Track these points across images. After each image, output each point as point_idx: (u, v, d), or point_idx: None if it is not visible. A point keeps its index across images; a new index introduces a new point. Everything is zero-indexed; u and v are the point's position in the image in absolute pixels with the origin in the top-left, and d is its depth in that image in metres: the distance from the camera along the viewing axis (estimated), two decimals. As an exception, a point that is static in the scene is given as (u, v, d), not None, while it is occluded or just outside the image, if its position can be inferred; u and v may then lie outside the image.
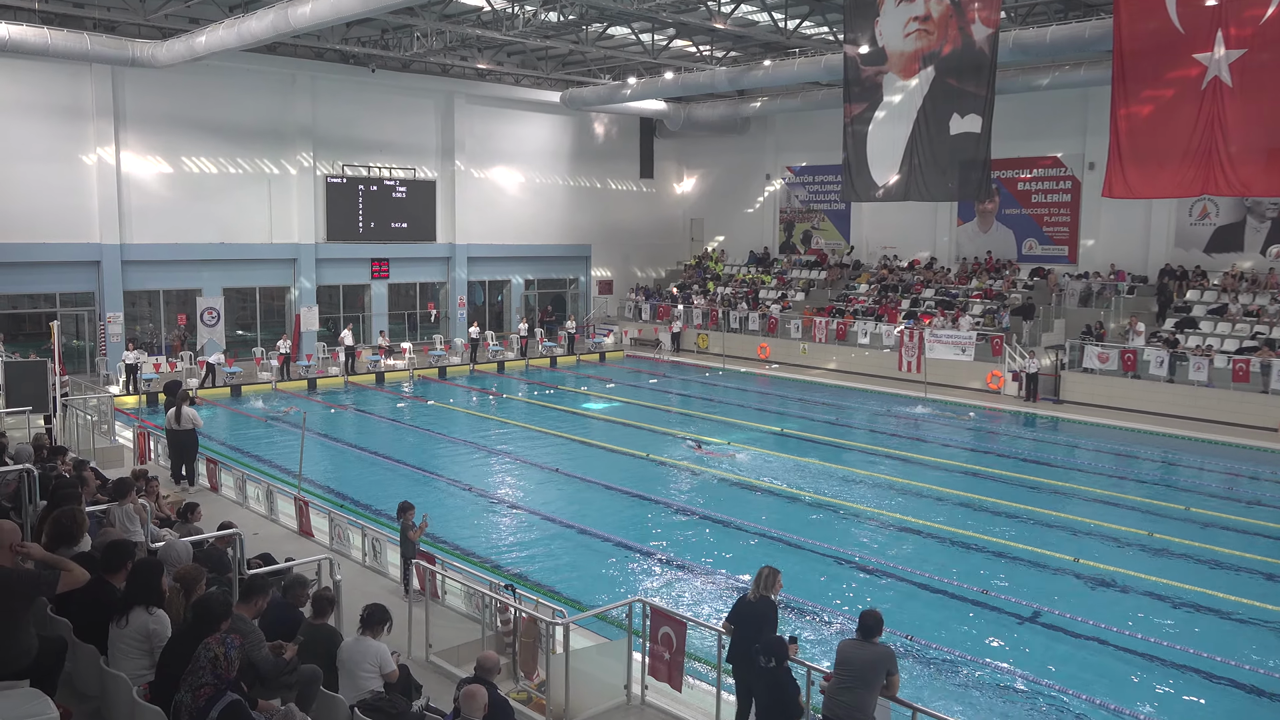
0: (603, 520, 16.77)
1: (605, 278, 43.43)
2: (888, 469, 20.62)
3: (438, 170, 37.23)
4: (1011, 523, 16.97)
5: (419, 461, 20.80)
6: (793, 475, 19.90)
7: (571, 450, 22.12)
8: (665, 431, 23.74)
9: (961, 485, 19.29)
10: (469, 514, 17.18)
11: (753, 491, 18.70)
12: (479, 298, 40.17)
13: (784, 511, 17.48)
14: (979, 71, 24.22)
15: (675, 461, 20.85)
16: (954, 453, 22.24)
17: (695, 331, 38.17)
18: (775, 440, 23.21)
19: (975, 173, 24.64)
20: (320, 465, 20.62)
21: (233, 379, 29.24)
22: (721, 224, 44.86)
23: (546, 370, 34.81)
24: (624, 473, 20.04)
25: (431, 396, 29.00)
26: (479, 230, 38.29)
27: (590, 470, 20.08)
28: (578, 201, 41.85)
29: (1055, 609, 13.22)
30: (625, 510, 17.62)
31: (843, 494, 18.62)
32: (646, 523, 16.85)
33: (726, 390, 30.54)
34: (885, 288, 35.82)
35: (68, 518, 8.04)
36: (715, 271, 42.74)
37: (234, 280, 32.84)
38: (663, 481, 19.50)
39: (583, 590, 13.60)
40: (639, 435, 23.43)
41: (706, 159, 44.95)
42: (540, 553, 15.30)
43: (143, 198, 30.30)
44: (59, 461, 13.05)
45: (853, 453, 22.16)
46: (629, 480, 19.37)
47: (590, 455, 21.73)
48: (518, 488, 19.17)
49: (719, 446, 22.75)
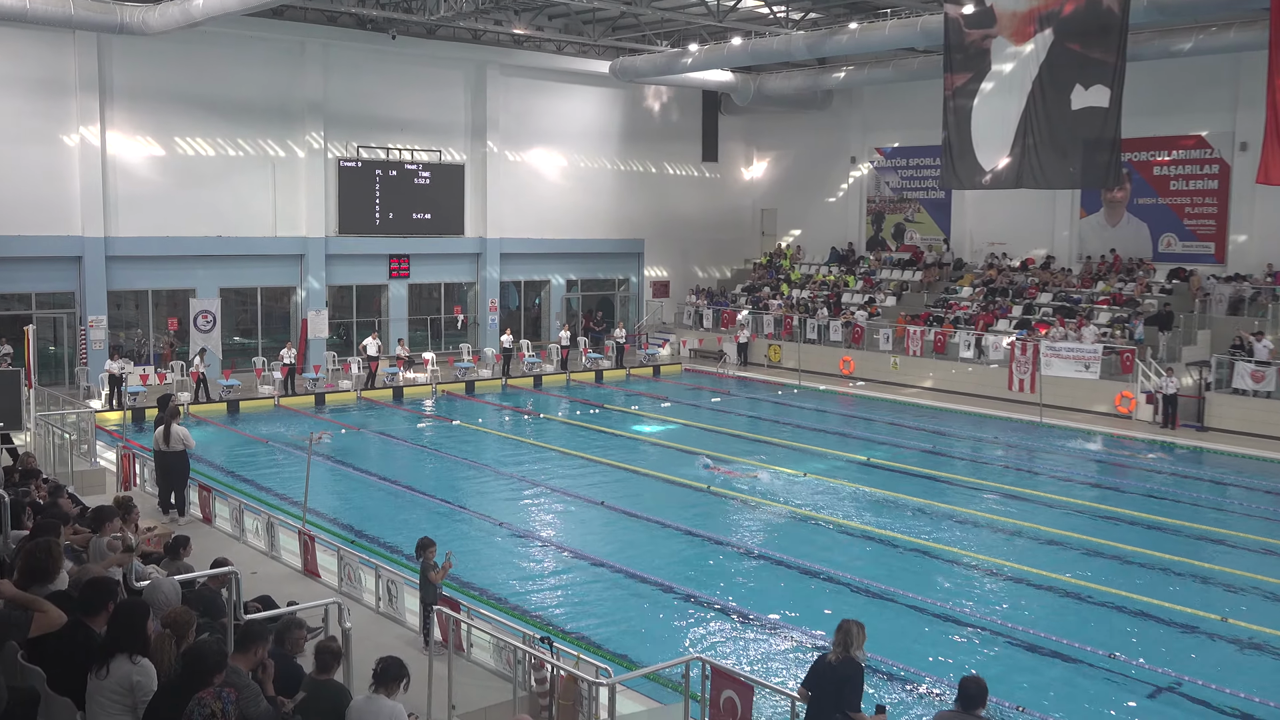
0: (655, 563, 16.72)
1: (660, 278, 43.50)
2: (995, 507, 20.34)
3: (467, 153, 37.63)
4: (1145, 574, 16.64)
5: (442, 491, 20.95)
6: (881, 513, 19.72)
7: (619, 480, 22.12)
8: (730, 459, 23.68)
9: (1084, 528, 18.97)
10: (499, 553, 17.25)
11: (833, 531, 18.56)
12: (513, 301, 40.43)
13: (870, 555, 17.31)
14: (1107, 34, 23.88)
15: (741, 495, 20.78)
16: (1075, 489, 21.89)
17: (766, 342, 38.04)
18: (860, 471, 23.04)
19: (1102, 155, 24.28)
20: (328, 495, 20.83)
21: (229, 393, 29.75)
22: (797, 215, 44.70)
23: (591, 386, 34.90)
24: (680, 507, 19.99)
25: (457, 416, 29.24)
26: (514, 222, 38.61)
27: (641, 504, 20.06)
28: (629, 189, 42.01)
29: (1198, 677, 12.94)
30: (682, 551, 17.55)
31: (941, 536, 18.40)
32: (707, 566, 16.78)
33: (802, 412, 30.36)
34: (993, 291, 35.44)
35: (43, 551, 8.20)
36: (789, 272, 42.62)
37: (232, 279, 33.44)
38: (726, 518, 19.43)
39: (631, 645, 13.57)
40: (696, 461, 23.37)
41: (780, 139, 44.83)
42: (582, 600, 15.31)
43: (130, 184, 31.02)
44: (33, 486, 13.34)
45: (953, 487, 21.91)
46: (686, 516, 19.31)
47: (641, 486, 21.71)
48: (556, 523, 19.20)
49: (740, 467, 22.78)
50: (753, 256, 45.72)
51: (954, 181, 27.97)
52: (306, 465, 16.29)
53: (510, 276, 39.47)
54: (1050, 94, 24.97)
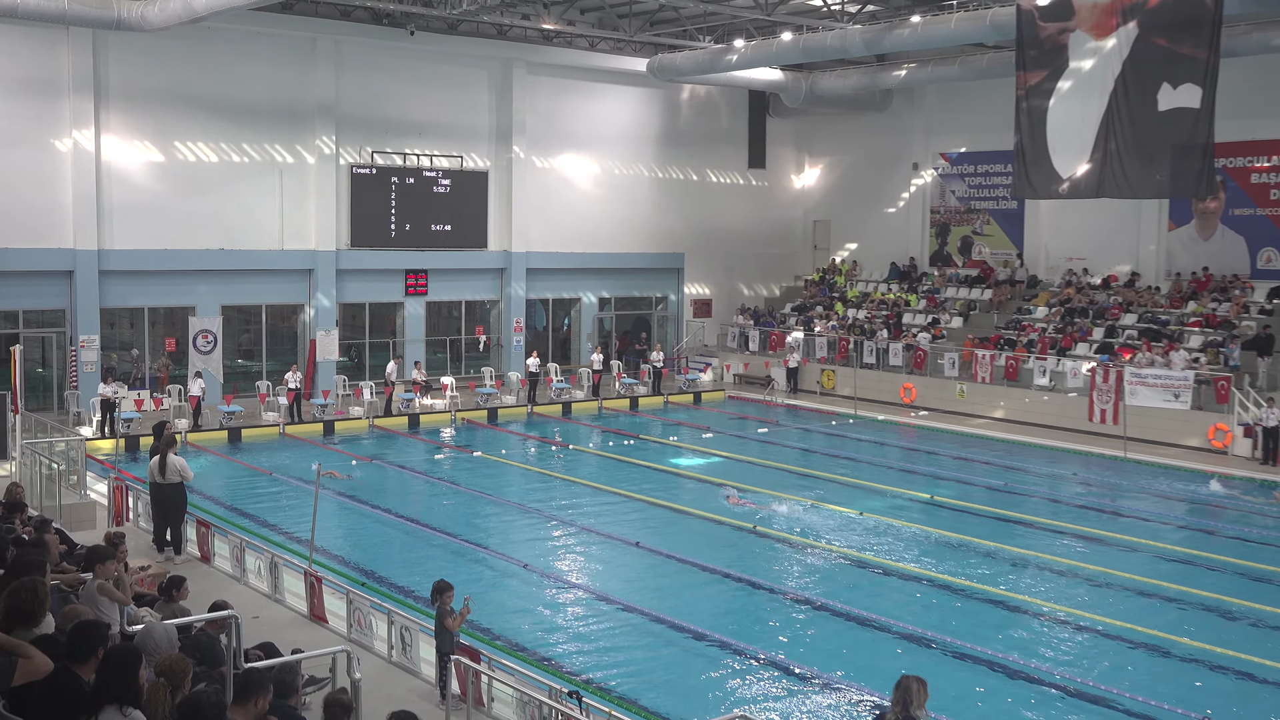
0: (694, 609, 16.66)
1: (702, 296, 43.52)
2: (1074, 552, 20.13)
3: (491, 158, 37.88)
4: (1243, 628, 16.39)
5: (461, 529, 21.00)
6: (946, 557, 19.58)
7: (655, 519, 22.09)
8: (779, 495, 23.60)
9: (1174, 576, 18.72)
10: (523, 598, 17.25)
11: (892, 577, 18.44)
12: (540, 320, 40.53)
13: (934, 604, 17.18)
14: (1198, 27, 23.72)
15: (789, 536, 20.69)
16: (1163, 532, 21.63)
17: (818, 367, 37.92)
18: (922, 510, 22.88)
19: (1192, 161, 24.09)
20: (337, 532, 20.92)
21: (230, 420, 30.02)
22: (854, 227, 44.60)
23: (625, 414, 34.92)
24: (722, 549, 19.93)
25: (478, 446, 29.32)
26: (542, 235, 38.80)
27: (679, 545, 20.01)
28: (668, 198, 42.12)
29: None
30: (724, 598, 17.50)
31: (1013, 583, 18.23)
32: (751, 614, 16.71)
33: (858, 444, 30.22)
34: (1071, 312, 35.19)
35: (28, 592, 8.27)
36: (845, 289, 42.49)
37: (235, 296, 33.78)
38: (772, 561, 19.34)
39: (668, 700, 13.51)
40: (743, 501, 23.33)
41: (835, 144, 44.79)
42: (614, 650, 15.27)
43: (126, 193, 31.42)
44: (17, 520, 13.49)
45: (1026, 529, 21.70)
46: (728, 558, 19.25)
47: (679, 525, 21.67)
48: (586, 565, 19.18)
49: (760, 498, 22.83)
50: (804, 273, 45.63)
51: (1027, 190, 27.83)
52: (314, 500, 16.37)
53: (537, 294, 39.62)
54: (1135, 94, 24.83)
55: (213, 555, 17.69)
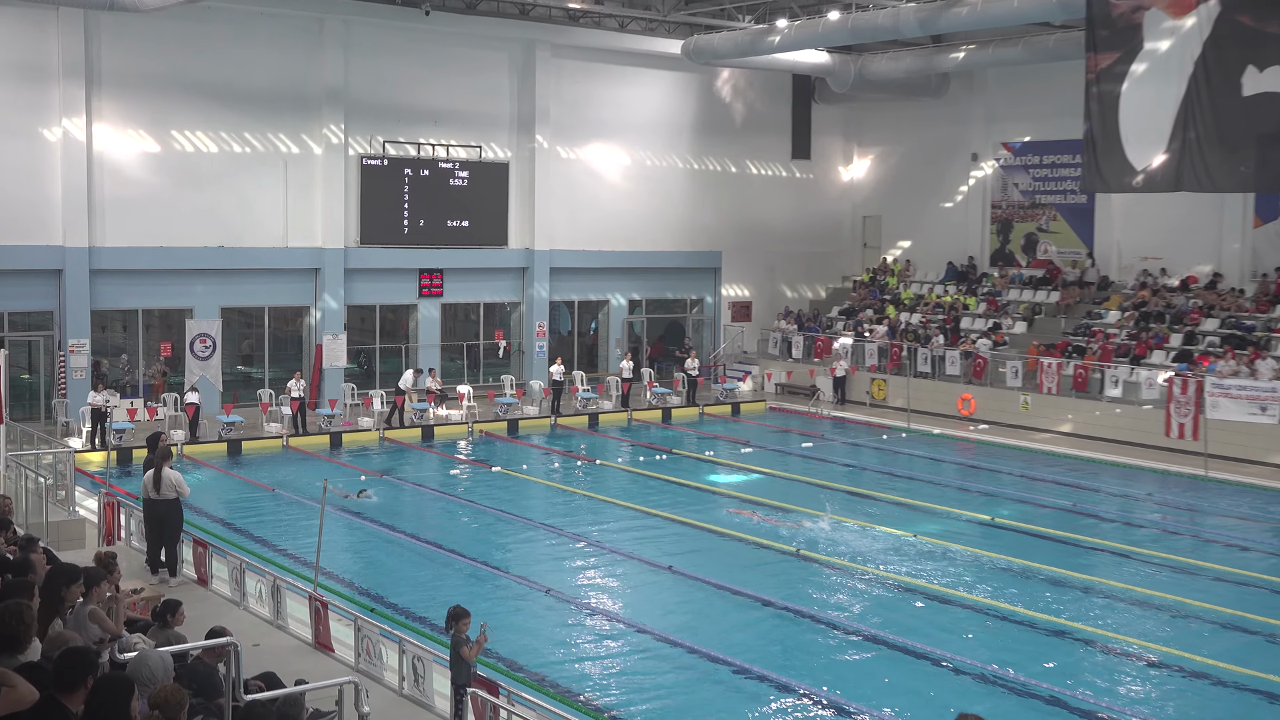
0: (732, 639, 16.62)
1: (741, 298, 43.48)
2: (1150, 580, 19.98)
3: (512, 149, 37.99)
4: (1337, 664, 16.22)
5: (478, 551, 21.02)
6: (1008, 584, 19.46)
7: (690, 541, 22.05)
8: (820, 515, 23.48)
9: (1263, 608, 18.52)
10: (546, 626, 17.25)
11: (949, 606, 18.35)
12: (565, 324, 40.58)
13: (995, 636, 17.09)
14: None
15: (836, 560, 20.62)
16: (1250, 559, 21.44)
17: (868, 376, 37.81)
18: (982, 533, 22.78)
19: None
20: (345, 554, 20.99)
21: (230, 431, 30.19)
22: (907, 224, 44.48)
23: (657, 426, 34.90)
24: (763, 573, 19.89)
25: (497, 460, 29.37)
26: (567, 231, 38.88)
27: (716, 569, 19.97)
28: (704, 192, 42.12)
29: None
30: (765, 627, 17.46)
31: (1082, 614, 18.11)
32: (795, 645, 16.66)
33: (912, 460, 30.12)
34: (1146, 316, 34.96)
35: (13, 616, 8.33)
36: (897, 291, 42.40)
37: (236, 297, 33.99)
38: (819, 587, 19.28)
39: (704, 740, 13.50)
40: (782, 520, 23.22)
41: (886, 133, 44.67)
42: (644, 684, 15.24)
43: (120, 186, 31.66)
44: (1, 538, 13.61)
45: (1097, 555, 21.60)
46: (770, 584, 19.20)
47: (717, 548, 21.63)
48: (614, 591, 19.18)
49: (787, 515, 22.78)
50: (852, 273, 45.51)
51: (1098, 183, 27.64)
52: (319, 519, 16.42)
53: (562, 295, 39.70)
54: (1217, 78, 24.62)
55: (210, 577, 17.77)
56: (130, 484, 23.96)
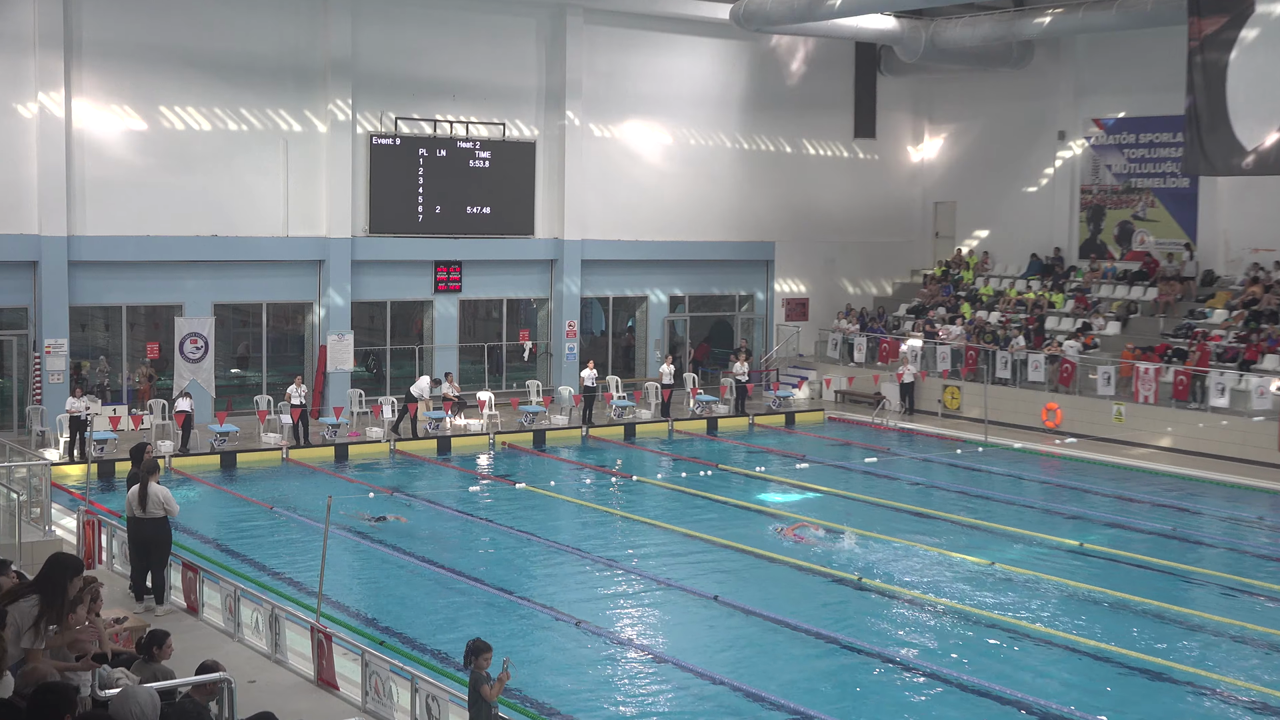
0: (784, 678, 16.60)
1: (797, 294, 43.40)
2: (1260, 615, 19.79)
3: (539, 126, 38.05)
4: None
5: (500, 578, 21.04)
6: (1098, 618, 19.33)
7: (738, 567, 22.01)
8: (888, 540, 23.45)
9: (1387, 646, 18.37)
10: (576, 663, 17.24)
11: (1029, 642, 18.25)
12: (598, 323, 40.57)
13: (1083, 676, 16.97)
14: None
15: (903, 591, 20.53)
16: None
17: (939, 382, 37.66)
18: (1069, 561, 22.64)
19: None
20: (352, 580, 21.06)
21: (224, 442, 30.35)
22: (984, 211, 44.23)
23: (702, 439, 34.86)
24: (822, 606, 19.84)
25: (522, 476, 29.41)
26: (600, 219, 38.90)
27: (767, 599, 19.92)
28: (755, 175, 42.06)
29: None
30: (821, 665, 17.41)
31: (1183, 653, 17.96)
32: (855, 686, 16.59)
33: (991, 478, 29.98)
34: (1257, 315, 34.67)
35: (-18, 646, 8.41)
36: (973, 287, 42.21)
37: (231, 292, 34.16)
38: (881, 620, 19.21)
39: (752, 792, 13.48)
40: (846, 546, 23.18)
41: (961, 109, 44.47)
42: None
43: (102, 168, 31.84)
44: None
45: (1202, 586, 21.44)
46: (827, 616, 19.14)
47: (768, 576, 21.58)
48: (652, 622, 19.15)
49: (831, 536, 22.94)
50: (923, 266, 45.36)
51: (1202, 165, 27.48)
52: (323, 540, 16.48)
53: (595, 291, 39.75)
54: (1338, 44, 24.43)
55: (201, 606, 17.84)
56: (113, 500, 24.10)
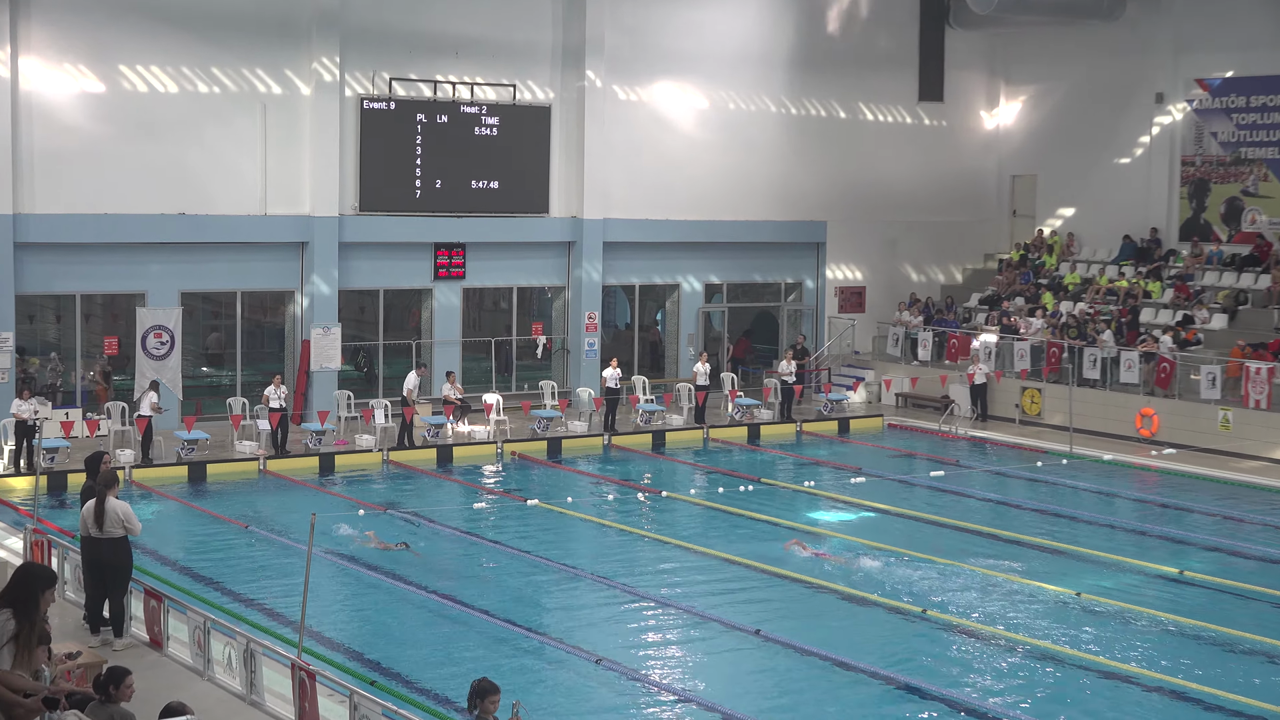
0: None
1: (852, 282, 43.29)
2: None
3: (556, 88, 38.05)
4: None
5: (509, 608, 21.01)
6: (1201, 658, 19.24)
7: (783, 597, 22.01)
8: (956, 566, 23.39)
9: None
10: (595, 708, 17.24)
11: (1121, 684, 18.17)
12: (622, 315, 40.58)
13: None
14: None
15: (974, 624, 20.46)
16: None
17: (1017, 384, 37.57)
18: (1167, 590, 22.61)
19: None
20: (338, 609, 21.09)
21: (192, 451, 30.38)
22: (1070, 186, 44.11)
23: (741, 448, 34.85)
24: (881, 642, 19.81)
25: (534, 491, 29.39)
26: (625, 195, 38.87)
27: (816, 634, 19.88)
28: (804, 144, 41.99)
29: None
30: (880, 711, 17.38)
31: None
32: (920, 736, 16.58)
33: (1076, 494, 29.89)
34: (1386, 307, 34.55)
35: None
36: (1057, 273, 42.05)
37: (200, 279, 34.27)
38: (949, 658, 19.16)
39: None
40: (907, 573, 23.15)
41: (1043, 67, 44.36)
42: (723, 784, 15.23)
43: (53, 136, 31.89)
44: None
45: (1320, 620, 21.32)
46: (884, 654, 19.10)
47: (817, 607, 21.56)
48: (684, 661, 19.13)
49: (840, 547, 23.16)
50: (998, 249, 45.28)
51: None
52: (306, 565, 16.49)
53: (619, 278, 39.75)
54: None
55: (166, 639, 17.86)
56: (64, 518, 24.19)
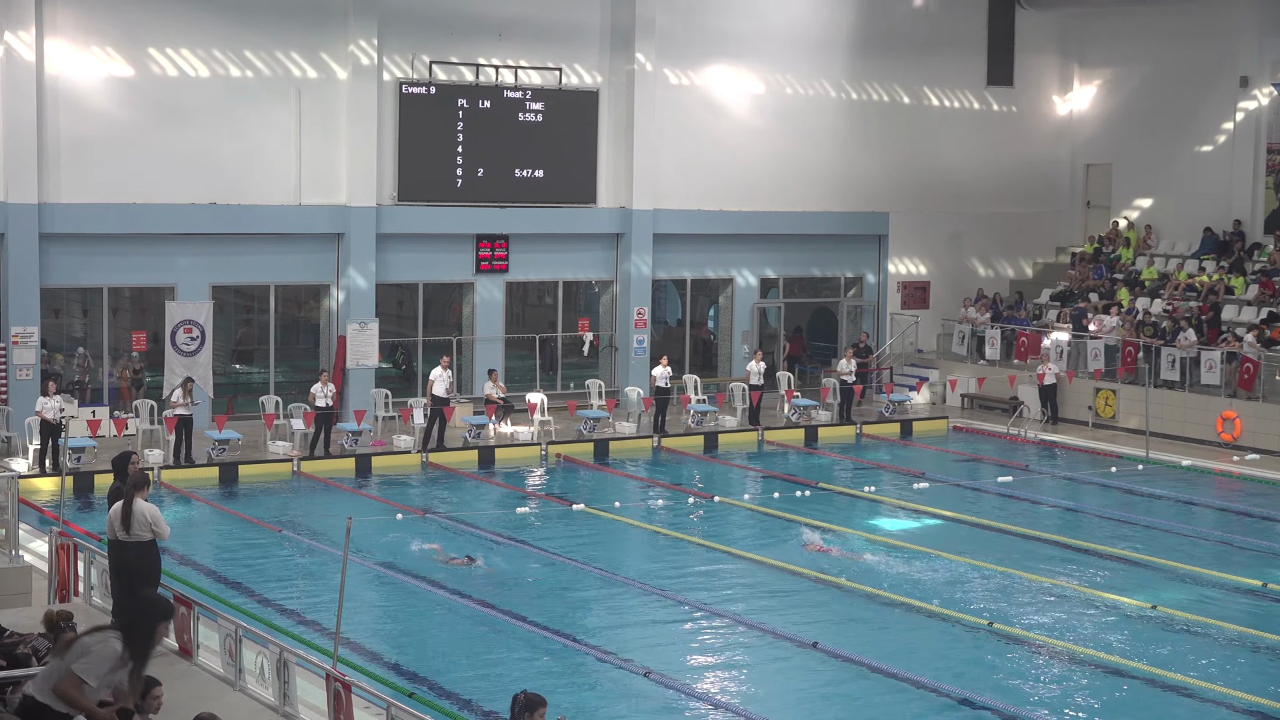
0: (900, 747, 16.63)
1: (915, 277, 43.19)
2: None
3: (604, 72, 38.10)
4: None
5: (553, 618, 21.09)
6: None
7: (842, 608, 22.02)
8: (1024, 577, 23.34)
9: None
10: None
11: (1200, 704, 18.07)
12: (673, 311, 40.57)
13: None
14: None
15: (1044, 639, 20.42)
16: None
17: (1090, 385, 37.44)
18: (1251, 605, 22.47)
19: None
20: (375, 618, 21.22)
21: (223, 452, 30.61)
22: (1148, 175, 43.86)
23: (798, 451, 34.86)
24: (944, 656, 19.80)
25: (580, 496, 29.46)
26: (677, 185, 38.87)
27: (878, 648, 19.85)
28: (865, 132, 41.91)
29: None
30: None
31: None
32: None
33: (1152, 503, 29.76)
34: None
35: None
36: (1134, 268, 41.92)
37: (232, 272, 34.48)
38: (1018, 674, 19.12)
39: None
40: (975, 584, 23.15)
41: (1120, 50, 44.15)
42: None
43: (80, 123, 32.11)
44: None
45: None
46: (954, 670, 19.08)
47: (879, 619, 21.56)
48: (737, 675, 19.15)
49: (849, 542, 23.20)
50: (1071, 243, 45.12)
51: None
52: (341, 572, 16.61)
53: (670, 272, 39.78)
54: None
55: (196, 648, 17.99)
56: (91, 521, 24.38)
